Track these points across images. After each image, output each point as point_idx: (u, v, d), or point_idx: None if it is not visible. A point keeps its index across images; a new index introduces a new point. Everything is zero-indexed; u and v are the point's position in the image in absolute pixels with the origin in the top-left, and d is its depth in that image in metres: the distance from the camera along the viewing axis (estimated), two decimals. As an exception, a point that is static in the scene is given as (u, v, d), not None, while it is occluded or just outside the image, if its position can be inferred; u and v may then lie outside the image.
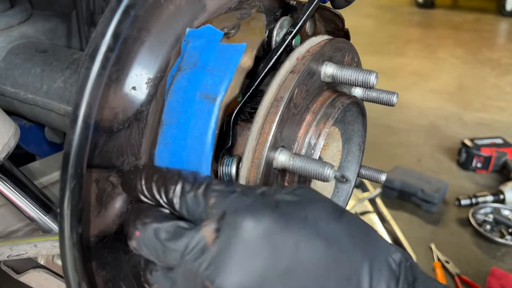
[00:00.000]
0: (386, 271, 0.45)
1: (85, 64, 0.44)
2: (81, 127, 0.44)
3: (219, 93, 0.54)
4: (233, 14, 0.63)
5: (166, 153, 0.57)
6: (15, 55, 1.00)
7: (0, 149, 0.67)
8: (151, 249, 0.47)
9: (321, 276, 0.43)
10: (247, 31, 0.59)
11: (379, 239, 0.48)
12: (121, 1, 0.45)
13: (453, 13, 7.56)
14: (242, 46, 0.56)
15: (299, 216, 0.44)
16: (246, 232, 0.43)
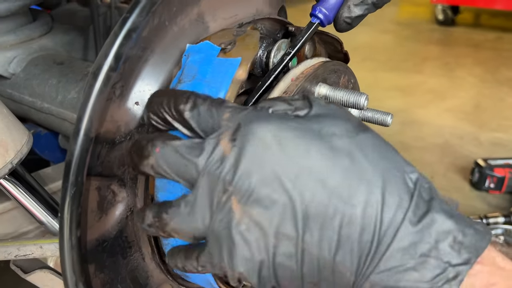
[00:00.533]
0: (400, 184, 0.44)
1: (89, 82, 0.48)
2: (82, 140, 0.48)
3: None
4: (229, 31, 0.67)
5: None
6: (34, 66, 1.06)
7: (13, 155, 0.71)
8: (171, 165, 0.48)
9: (330, 183, 0.44)
10: (242, 46, 0.63)
11: (396, 157, 0.47)
12: (123, 25, 0.49)
13: (474, 31, 7.51)
14: (237, 60, 0.60)
15: (312, 128, 0.46)
16: (260, 139, 0.45)
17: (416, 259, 0.42)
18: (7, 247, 0.70)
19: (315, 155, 0.45)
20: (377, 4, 0.66)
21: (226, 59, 0.61)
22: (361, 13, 0.67)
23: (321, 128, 0.46)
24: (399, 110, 4.42)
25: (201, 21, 0.67)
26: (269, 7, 0.81)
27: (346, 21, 0.67)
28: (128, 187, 0.64)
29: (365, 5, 0.66)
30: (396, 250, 0.43)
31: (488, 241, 0.44)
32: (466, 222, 0.45)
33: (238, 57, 0.60)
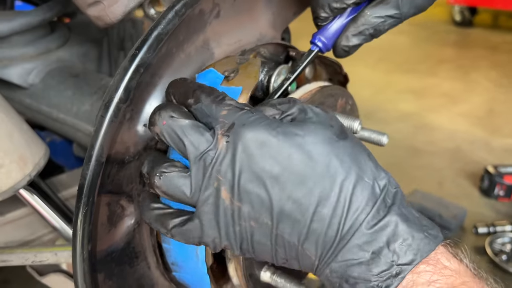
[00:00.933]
0: (367, 191, 0.51)
1: (101, 112, 0.53)
2: (93, 165, 0.53)
3: None
4: (233, 58, 0.71)
5: None
6: (51, 78, 1.12)
7: (31, 168, 0.77)
8: (173, 138, 0.55)
9: (306, 185, 0.51)
10: (244, 75, 0.68)
11: (369, 165, 0.54)
12: (133, 61, 0.54)
13: (492, 33, 7.41)
14: (238, 89, 0.65)
15: (296, 134, 0.53)
16: (247, 140, 0.52)
17: (368, 256, 0.50)
18: (25, 253, 0.76)
19: (295, 160, 0.52)
20: (374, 35, 0.70)
21: (228, 88, 0.65)
22: (358, 43, 0.70)
23: (304, 135, 0.53)
24: (411, 113, 4.42)
25: (207, 47, 0.72)
26: (273, 30, 0.85)
27: (344, 49, 0.71)
28: (135, 203, 0.69)
29: (363, 35, 0.70)
30: (353, 246, 0.51)
31: (437, 244, 0.51)
32: (418, 226, 0.52)
33: (240, 85, 0.65)
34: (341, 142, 0.54)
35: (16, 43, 1.10)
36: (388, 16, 0.68)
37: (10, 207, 0.94)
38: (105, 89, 1.04)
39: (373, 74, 5.38)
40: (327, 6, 0.68)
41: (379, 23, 0.68)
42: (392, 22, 0.69)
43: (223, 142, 0.53)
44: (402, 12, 0.68)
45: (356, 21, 0.69)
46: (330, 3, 0.68)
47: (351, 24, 0.70)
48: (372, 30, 0.69)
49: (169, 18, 0.56)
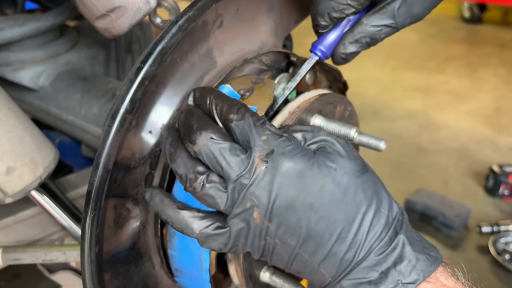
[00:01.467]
0: (383, 220, 0.57)
1: (108, 122, 0.56)
2: (101, 172, 0.56)
3: None
4: (249, 78, 0.74)
5: (181, 190, 0.67)
6: (61, 81, 1.15)
7: (42, 171, 0.81)
8: (211, 159, 0.58)
9: (335, 213, 0.57)
10: (259, 95, 0.70)
11: (385, 196, 0.60)
12: (138, 74, 0.57)
13: (502, 29, 7.35)
14: (254, 109, 0.67)
15: (329, 167, 0.58)
16: (286, 170, 0.56)
17: (377, 275, 0.56)
18: (36, 252, 0.80)
19: (327, 191, 0.56)
20: (370, 43, 0.72)
21: None
22: (355, 50, 0.73)
23: (336, 168, 0.58)
24: (417, 111, 4.42)
25: (210, 56, 0.75)
26: (274, 38, 0.87)
27: (341, 56, 0.74)
28: (141, 206, 0.72)
29: (359, 43, 0.72)
30: (365, 267, 0.56)
31: (437, 266, 0.57)
32: (421, 248, 0.57)
33: (255, 105, 0.68)
34: (364, 175, 0.59)
35: (27, 47, 1.14)
36: (384, 26, 0.70)
37: (21, 207, 0.98)
38: (113, 92, 1.08)
39: (380, 71, 5.37)
40: (326, 15, 0.71)
41: (375, 32, 0.70)
42: (388, 31, 0.71)
43: (262, 167, 0.56)
44: (398, 21, 0.70)
45: (353, 29, 0.71)
46: (330, 13, 0.70)
47: (348, 33, 0.72)
48: (368, 39, 0.71)
49: (172, 33, 0.59)
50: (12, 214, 0.96)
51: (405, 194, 2.86)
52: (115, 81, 1.15)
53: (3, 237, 0.95)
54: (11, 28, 1.06)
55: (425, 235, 2.65)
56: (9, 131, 0.76)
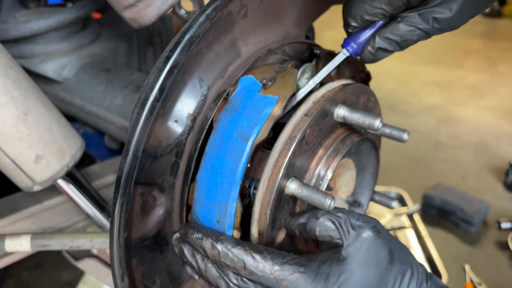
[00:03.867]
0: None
1: (137, 110, 0.57)
2: (130, 159, 0.57)
3: (251, 135, 0.67)
4: (272, 67, 0.74)
5: (206, 177, 0.70)
6: (84, 72, 1.17)
7: (68, 160, 0.82)
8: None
9: None
10: (281, 84, 0.71)
11: (413, 280, 0.65)
12: (167, 62, 0.58)
13: (522, 23, 7.24)
14: (274, 98, 0.68)
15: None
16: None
17: None
18: (63, 239, 0.81)
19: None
20: (401, 43, 0.71)
21: (264, 96, 0.69)
22: (384, 47, 0.71)
23: (357, 281, 0.63)
24: (436, 106, 4.37)
25: (234, 46, 0.75)
26: (297, 28, 0.88)
27: (370, 51, 0.72)
28: (166, 193, 0.73)
29: (389, 40, 0.71)
30: None
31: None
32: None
33: (276, 94, 0.68)
34: (387, 276, 0.63)
35: (52, 39, 1.16)
36: (417, 28, 0.68)
37: (47, 196, 1.00)
38: (135, 84, 1.09)
39: (397, 65, 5.32)
40: (359, 17, 0.70)
41: (407, 31, 0.69)
42: (420, 34, 0.69)
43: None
44: (432, 27, 0.68)
45: (386, 26, 0.71)
46: (362, 15, 0.70)
47: (381, 29, 0.71)
48: (399, 38, 0.70)
49: (200, 22, 0.60)
50: (39, 202, 0.99)
51: (423, 189, 2.84)
52: (138, 72, 1.16)
53: (30, 225, 0.98)
54: (36, 20, 1.08)
55: (443, 230, 2.63)
56: (38, 120, 0.78)
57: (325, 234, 0.67)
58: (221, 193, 0.68)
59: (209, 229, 0.69)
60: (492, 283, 2.23)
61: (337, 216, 0.67)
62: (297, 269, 0.62)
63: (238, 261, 0.63)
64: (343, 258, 0.64)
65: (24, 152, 0.77)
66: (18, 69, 0.78)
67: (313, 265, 0.63)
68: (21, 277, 2.25)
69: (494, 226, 2.58)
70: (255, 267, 0.62)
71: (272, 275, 0.62)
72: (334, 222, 0.66)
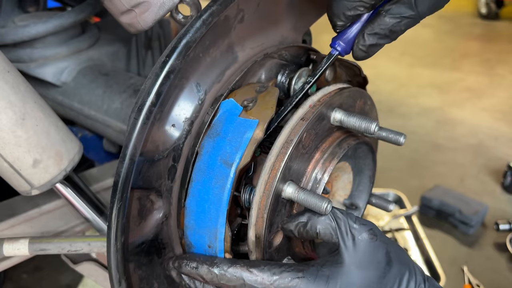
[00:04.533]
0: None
1: (134, 115, 0.58)
2: (127, 163, 0.58)
3: (235, 161, 0.67)
4: (253, 87, 0.74)
5: (194, 203, 0.70)
6: (83, 76, 1.17)
7: (67, 164, 0.83)
8: None
9: None
10: (262, 105, 0.71)
11: (412, 282, 0.65)
12: (164, 67, 0.58)
13: (520, 25, 7.26)
14: (255, 122, 0.69)
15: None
16: None
17: None
18: (62, 243, 0.82)
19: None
20: (390, 35, 0.71)
21: (245, 120, 0.69)
22: (375, 42, 0.72)
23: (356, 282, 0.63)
24: (434, 108, 4.38)
25: (231, 51, 0.76)
26: (294, 33, 0.88)
27: (361, 48, 0.73)
28: (164, 197, 0.73)
29: (378, 35, 0.71)
30: None
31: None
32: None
33: (257, 117, 0.69)
34: (387, 277, 0.64)
35: (50, 43, 1.16)
36: (403, 17, 0.69)
37: (45, 199, 1.00)
38: (134, 88, 1.10)
39: (396, 68, 5.34)
40: (342, 14, 0.70)
41: (394, 23, 0.69)
42: (408, 22, 0.69)
43: None
44: (418, 11, 0.68)
45: (373, 21, 0.71)
46: (345, 12, 0.70)
47: (367, 25, 0.71)
48: (387, 31, 0.70)
49: (197, 27, 0.60)
50: (37, 206, 0.99)
51: (421, 191, 2.85)
52: (136, 76, 1.17)
53: (28, 229, 0.98)
54: (35, 25, 1.08)
55: (441, 232, 2.64)
56: (35, 125, 0.78)
57: (326, 233, 0.66)
58: (209, 219, 0.69)
59: (202, 255, 0.70)
60: (491, 285, 2.23)
61: (337, 216, 0.67)
62: (295, 275, 0.62)
63: (237, 279, 0.63)
64: (341, 261, 0.64)
65: (22, 156, 0.78)
66: (16, 73, 0.79)
67: (312, 269, 0.63)
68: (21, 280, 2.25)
69: (493, 227, 2.58)
70: (254, 281, 0.63)
71: (272, 286, 0.62)
72: (335, 221, 0.66)
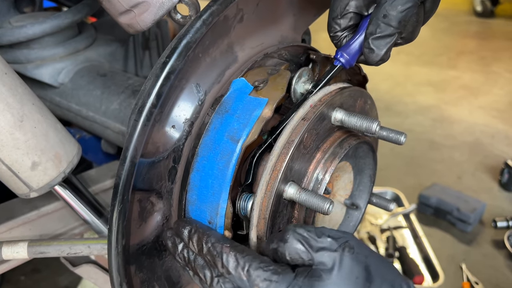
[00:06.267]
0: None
1: (134, 116, 0.57)
2: (128, 165, 0.57)
3: (241, 137, 0.67)
4: (265, 69, 0.75)
5: (197, 178, 0.71)
6: (80, 77, 1.17)
7: (65, 166, 0.82)
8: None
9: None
10: (273, 86, 0.71)
11: (397, 277, 0.62)
12: (164, 68, 0.57)
13: (515, 23, 7.28)
14: (264, 100, 0.69)
15: None
16: None
17: None
18: (61, 245, 0.81)
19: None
20: (399, 43, 0.71)
21: (255, 98, 0.70)
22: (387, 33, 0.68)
23: None
24: (430, 106, 4.39)
25: (231, 51, 0.75)
26: (293, 32, 0.88)
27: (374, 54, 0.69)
28: (164, 199, 0.73)
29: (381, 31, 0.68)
30: None
31: None
32: None
33: (267, 96, 0.69)
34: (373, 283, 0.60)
35: (47, 44, 1.15)
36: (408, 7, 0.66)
37: (44, 202, 0.99)
38: (132, 88, 1.09)
39: (392, 66, 5.34)
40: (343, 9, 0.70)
41: (401, 16, 0.66)
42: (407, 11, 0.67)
43: None
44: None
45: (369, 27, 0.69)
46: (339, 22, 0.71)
47: (367, 33, 0.69)
48: (395, 23, 0.67)
49: (197, 27, 0.59)
50: (35, 208, 0.98)
51: (419, 189, 2.85)
52: (134, 77, 1.16)
53: (27, 232, 0.97)
54: (31, 25, 1.07)
55: (439, 230, 2.64)
56: (34, 127, 0.77)
57: (296, 257, 0.61)
58: (212, 194, 0.70)
59: (199, 223, 0.70)
60: (489, 282, 2.24)
61: (303, 236, 0.61)
62: (270, 277, 0.60)
63: (217, 256, 0.63)
64: (319, 275, 0.60)
65: (20, 159, 0.77)
66: (13, 75, 0.78)
67: (288, 276, 0.60)
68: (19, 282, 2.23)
69: (490, 225, 2.59)
70: (232, 266, 0.62)
71: (245, 277, 0.61)
72: (302, 243, 0.61)
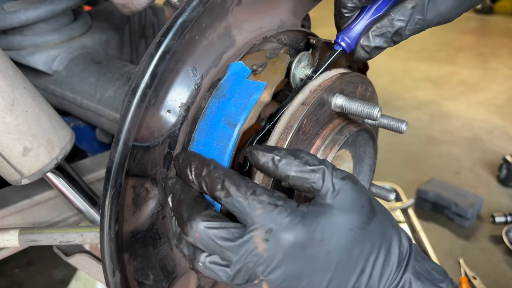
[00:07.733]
0: (395, 260, 0.60)
1: (128, 98, 0.55)
2: (121, 148, 0.55)
3: (239, 122, 0.65)
4: (263, 53, 0.72)
5: None
6: (75, 64, 1.14)
7: (58, 152, 0.80)
8: (208, 247, 0.58)
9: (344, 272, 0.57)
10: (272, 70, 0.69)
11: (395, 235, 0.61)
12: (159, 47, 0.55)
13: (513, 20, 7.28)
14: (263, 84, 0.66)
15: (332, 227, 0.57)
16: (288, 245, 0.56)
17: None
18: (53, 233, 0.79)
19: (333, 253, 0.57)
20: (395, 39, 0.70)
21: (253, 82, 0.67)
22: (380, 45, 0.70)
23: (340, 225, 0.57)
24: (429, 101, 4.38)
25: (228, 34, 0.73)
26: (293, 17, 0.86)
27: (365, 49, 0.71)
28: (159, 186, 0.71)
29: (385, 37, 0.69)
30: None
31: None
32: (430, 282, 0.59)
33: (266, 80, 0.67)
34: (371, 224, 0.59)
35: (41, 31, 1.13)
36: (410, 21, 0.67)
37: (37, 190, 0.97)
38: (127, 76, 1.07)
39: (390, 62, 5.33)
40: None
41: (401, 26, 0.67)
42: (414, 28, 0.68)
43: (263, 246, 0.55)
44: (426, 19, 0.67)
45: (380, 21, 0.69)
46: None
47: (374, 24, 0.69)
48: (394, 34, 0.68)
49: (193, 6, 0.57)
50: (28, 197, 0.96)
51: (417, 184, 2.84)
52: (130, 64, 1.14)
53: (19, 220, 0.95)
54: (25, 11, 1.05)
55: (437, 225, 2.63)
56: (25, 111, 0.75)
57: (299, 177, 0.59)
58: None
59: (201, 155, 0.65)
60: (487, 277, 2.23)
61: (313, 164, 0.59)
62: (274, 201, 0.57)
63: (218, 178, 0.59)
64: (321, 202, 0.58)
65: (11, 144, 0.75)
66: (4, 58, 0.76)
67: (292, 203, 0.58)
68: (13, 275, 2.21)
69: (488, 220, 2.58)
70: (233, 189, 0.57)
71: (246, 200, 0.56)
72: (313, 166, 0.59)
